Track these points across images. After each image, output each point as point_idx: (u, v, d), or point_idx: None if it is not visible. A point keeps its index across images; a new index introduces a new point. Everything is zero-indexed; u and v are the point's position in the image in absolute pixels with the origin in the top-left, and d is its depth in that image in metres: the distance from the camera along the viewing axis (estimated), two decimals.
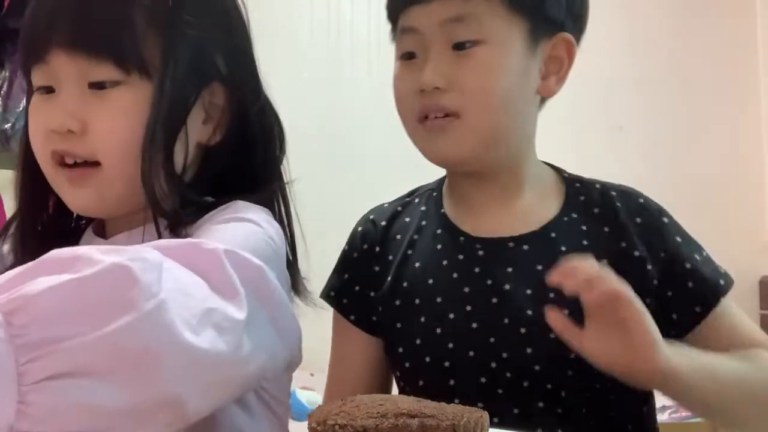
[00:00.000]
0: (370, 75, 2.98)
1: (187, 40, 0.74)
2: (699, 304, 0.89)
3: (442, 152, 0.88)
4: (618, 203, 0.92)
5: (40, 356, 0.46)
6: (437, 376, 0.87)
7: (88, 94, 0.73)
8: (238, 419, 0.74)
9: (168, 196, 0.74)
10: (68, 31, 0.72)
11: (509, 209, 0.92)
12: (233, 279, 0.58)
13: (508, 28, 0.85)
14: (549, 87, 0.90)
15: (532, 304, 0.85)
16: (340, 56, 2.94)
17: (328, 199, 2.46)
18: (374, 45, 3.00)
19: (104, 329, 0.48)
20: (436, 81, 0.85)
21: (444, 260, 0.90)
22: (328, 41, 2.91)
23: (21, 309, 0.47)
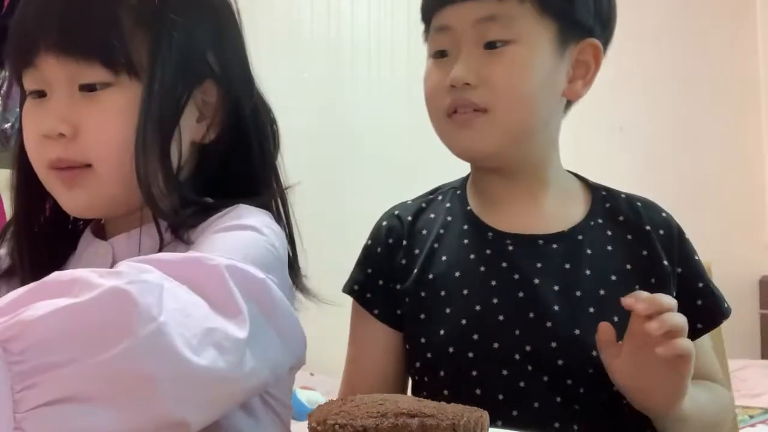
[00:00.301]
0: (370, 74, 2.98)
1: (176, 40, 0.74)
2: (701, 321, 0.93)
3: (469, 145, 0.92)
4: (643, 213, 0.96)
5: (36, 383, 0.46)
6: (460, 367, 0.88)
7: (78, 96, 0.73)
8: (241, 422, 0.74)
9: (166, 196, 0.73)
10: (55, 34, 0.71)
11: (536, 209, 0.95)
12: (235, 296, 0.58)
13: (538, 29, 0.89)
14: (575, 90, 0.93)
15: (558, 299, 0.88)
16: (340, 56, 2.94)
17: (327, 198, 2.46)
18: (374, 44, 3.00)
19: (101, 355, 0.48)
20: (466, 77, 0.88)
21: (471, 254, 0.92)
22: (328, 40, 2.91)
23: (18, 336, 0.47)
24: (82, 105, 0.73)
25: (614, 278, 0.91)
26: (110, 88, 0.73)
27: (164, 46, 0.73)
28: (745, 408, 2.15)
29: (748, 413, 2.13)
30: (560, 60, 0.91)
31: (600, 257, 0.92)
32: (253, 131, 0.81)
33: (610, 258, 0.92)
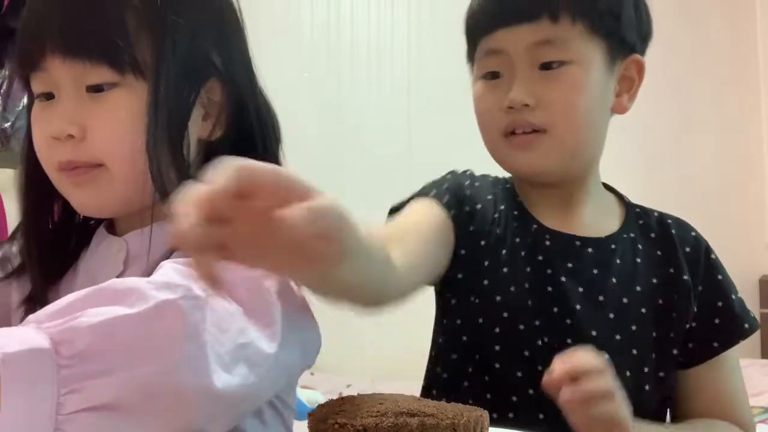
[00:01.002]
0: (370, 74, 2.98)
1: (179, 40, 0.74)
2: (718, 339, 0.96)
3: (529, 165, 0.94)
4: (673, 231, 0.99)
5: (79, 389, 0.49)
6: (484, 338, 0.91)
7: (86, 98, 0.73)
8: (249, 425, 0.75)
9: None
10: (60, 36, 0.72)
11: (574, 215, 0.98)
12: (271, 309, 0.61)
13: (590, 49, 0.92)
14: (622, 104, 0.97)
15: (581, 300, 0.92)
16: (340, 56, 2.94)
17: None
18: (374, 45, 3.00)
19: (143, 368, 0.50)
20: (525, 99, 0.90)
21: (517, 238, 0.95)
22: (328, 41, 2.91)
23: (70, 341, 0.49)
24: (90, 106, 0.73)
25: (639, 289, 0.94)
26: (117, 88, 0.73)
27: (168, 47, 0.73)
28: None
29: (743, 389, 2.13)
30: (609, 77, 0.94)
31: (628, 268, 0.95)
32: (257, 128, 0.81)
33: (637, 270, 0.95)
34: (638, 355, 0.92)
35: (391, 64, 2.97)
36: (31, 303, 0.78)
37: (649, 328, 0.93)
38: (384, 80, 2.97)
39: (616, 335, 0.91)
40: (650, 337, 0.93)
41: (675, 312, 0.94)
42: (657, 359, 0.93)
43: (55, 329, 0.50)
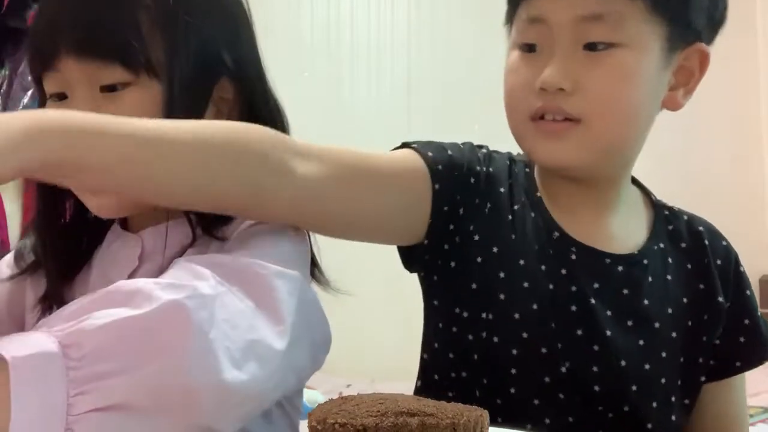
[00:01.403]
0: (370, 74, 2.98)
1: (191, 39, 0.75)
2: (742, 359, 0.90)
3: (557, 158, 0.82)
4: (706, 241, 0.91)
5: (88, 390, 0.50)
6: (500, 361, 0.81)
7: (100, 97, 0.74)
8: (257, 426, 0.75)
9: None
10: (74, 37, 0.73)
11: (603, 223, 0.87)
12: (281, 306, 0.62)
13: (648, 32, 0.79)
14: (676, 99, 0.85)
15: (610, 325, 0.82)
16: (340, 56, 2.94)
17: None
18: (374, 44, 3.00)
19: (151, 367, 0.51)
20: (561, 82, 0.78)
21: (536, 245, 0.84)
22: (328, 41, 2.92)
23: (78, 343, 0.50)
24: (104, 105, 0.73)
25: (670, 311, 0.86)
26: (131, 88, 0.74)
27: (181, 46, 0.74)
28: None
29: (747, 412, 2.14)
30: (666, 67, 0.82)
31: (659, 287, 0.86)
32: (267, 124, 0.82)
33: (668, 289, 0.87)
34: (666, 383, 0.85)
35: (391, 64, 2.97)
36: (47, 301, 0.79)
37: (678, 354, 0.86)
38: (384, 80, 2.97)
39: (646, 365, 0.83)
40: (678, 363, 0.86)
41: (705, 335, 0.88)
42: (683, 386, 0.86)
43: (63, 332, 0.51)
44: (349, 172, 0.75)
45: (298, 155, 0.70)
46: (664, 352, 0.84)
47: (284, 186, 0.69)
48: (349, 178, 0.75)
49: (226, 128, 0.68)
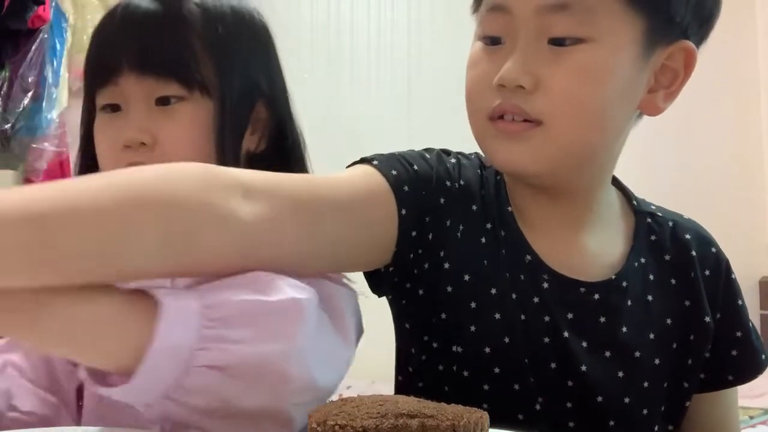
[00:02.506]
0: (370, 75, 2.98)
1: (236, 63, 0.84)
2: (733, 373, 0.85)
3: (514, 161, 0.75)
4: (693, 252, 0.84)
5: (210, 348, 0.58)
6: (471, 396, 0.75)
7: (155, 110, 0.82)
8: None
9: None
10: (137, 55, 0.81)
11: (581, 246, 0.80)
12: (348, 320, 0.71)
13: (622, 27, 0.71)
14: (655, 104, 0.76)
15: (586, 358, 0.76)
16: (340, 57, 2.94)
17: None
18: (374, 45, 3.00)
19: (264, 347, 0.60)
20: (520, 78, 0.71)
21: (507, 273, 0.77)
22: (328, 42, 2.92)
23: (217, 307, 0.59)
24: (159, 117, 0.81)
25: (652, 337, 0.80)
26: (184, 102, 0.82)
27: (227, 68, 0.83)
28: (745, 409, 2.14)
29: (748, 414, 2.13)
30: (644, 66, 0.73)
31: (639, 311, 0.79)
32: (292, 141, 0.91)
33: (650, 312, 0.80)
34: (648, 414, 0.79)
35: (391, 65, 2.97)
36: None
37: (661, 381, 0.80)
38: (384, 81, 2.97)
39: (625, 398, 0.78)
40: (661, 391, 0.80)
41: (691, 358, 0.82)
42: (666, 414, 0.81)
43: (210, 297, 0.60)
44: (305, 208, 0.67)
45: (239, 194, 0.62)
46: (646, 382, 0.79)
47: (226, 237, 0.60)
48: (305, 217, 0.66)
49: (139, 179, 0.59)
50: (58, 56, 2.33)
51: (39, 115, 2.26)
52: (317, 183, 0.70)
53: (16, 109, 2.23)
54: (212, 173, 0.63)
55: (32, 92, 2.26)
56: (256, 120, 0.87)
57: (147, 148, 0.81)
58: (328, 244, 0.69)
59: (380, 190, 0.72)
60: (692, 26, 0.75)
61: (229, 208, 0.61)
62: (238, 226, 0.61)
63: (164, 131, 0.82)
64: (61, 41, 2.35)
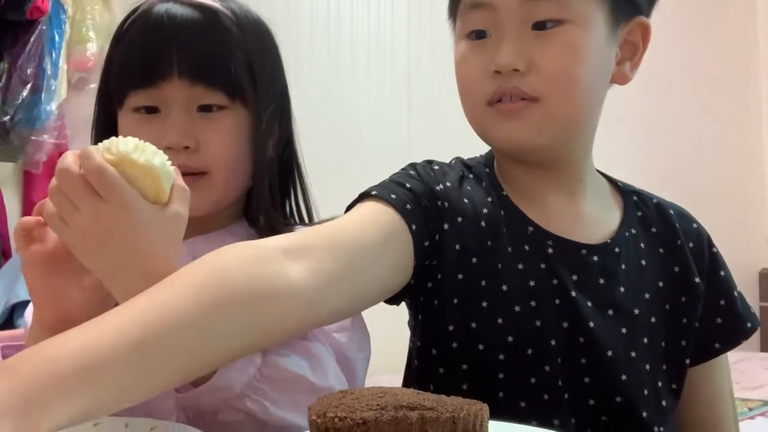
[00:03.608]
0: (370, 66, 2.98)
1: (268, 81, 0.89)
2: (721, 340, 0.91)
3: (517, 138, 0.83)
4: (677, 224, 0.91)
5: (250, 397, 0.74)
6: (486, 367, 0.82)
7: (197, 116, 0.86)
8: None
9: (269, 200, 0.90)
10: (191, 65, 0.84)
11: (575, 211, 0.88)
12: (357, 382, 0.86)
13: (592, 7, 0.81)
14: (623, 73, 0.87)
15: (593, 317, 0.83)
16: (340, 48, 2.94)
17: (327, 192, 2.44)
18: (374, 36, 2.99)
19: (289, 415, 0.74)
20: (515, 62, 0.79)
21: (509, 247, 0.83)
22: (328, 33, 2.91)
23: (272, 367, 0.76)
24: (201, 123, 0.85)
25: (647, 297, 0.86)
26: (225, 111, 0.86)
27: (261, 83, 0.88)
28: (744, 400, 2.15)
29: (747, 405, 2.13)
30: (612, 41, 0.84)
31: (634, 273, 0.87)
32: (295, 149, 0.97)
33: (643, 274, 0.87)
34: (651, 369, 0.85)
35: (391, 58, 2.96)
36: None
37: (659, 339, 0.86)
38: (384, 74, 2.97)
39: (631, 352, 0.83)
40: (660, 349, 0.86)
41: (685, 317, 0.88)
42: (668, 371, 0.87)
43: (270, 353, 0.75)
44: (343, 256, 0.72)
45: (285, 257, 0.67)
46: (646, 338, 0.85)
47: (289, 303, 0.66)
48: (345, 264, 0.72)
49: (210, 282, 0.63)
50: (56, 48, 2.32)
51: (38, 107, 2.25)
52: (348, 229, 0.76)
53: (15, 101, 2.22)
54: (255, 250, 0.68)
55: (31, 84, 2.25)
56: (273, 131, 0.92)
57: (190, 151, 0.85)
58: (366, 282, 0.75)
59: (393, 219, 0.78)
60: (644, 6, 0.87)
61: (284, 275, 0.66)
62: (292, 289, 0.66)
63: (207, 137, 0.85)
64: (60, 33, 2.34)
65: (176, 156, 0.84)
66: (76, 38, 2.38)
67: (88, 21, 2.39)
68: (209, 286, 0.62)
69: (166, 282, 0.62)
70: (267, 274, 0.65)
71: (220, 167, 0.86)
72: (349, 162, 2.72)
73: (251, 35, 0.88)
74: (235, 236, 0.89)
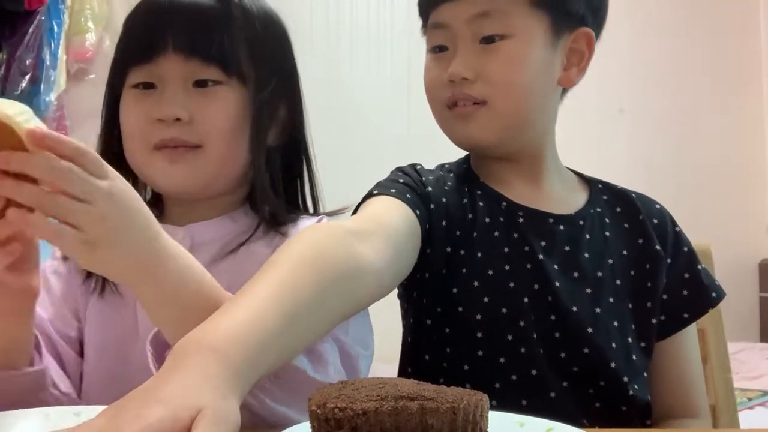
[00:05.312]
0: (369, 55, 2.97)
1: (270, 60, 0.90)
2: (688, 310, 0.98)
3: (469, 136, 0.95)
4: (638, 204, 1.00)
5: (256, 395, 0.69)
6: (466, 327, 0.91)
7: (192, 91, 0.86)
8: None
9: (265, 179, 0.89)
10: (186, 39, 0.85)
11: (541, 191, 0.98)
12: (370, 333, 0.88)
13: (532, 23, 0.92)
14: (569, 77, 0.97)
15: (559, 277, 0.92)
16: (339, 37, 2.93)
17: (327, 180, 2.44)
18: (374, 25, 2.98)
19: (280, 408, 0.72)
20: (464, 72, 0.92)
21: (486, 218, 0.94)
22: (327, 22, 2.90)
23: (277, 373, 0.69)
24: (196, 98, 0.86)
25: (611, 262, 0.95)
26: (221, 86, 0.87)
27: (263, 63, 0.89)
28: (743, 390, 2.15)
29: (746, 396, 2.14)
30: (554, 50, 0.94)
31: (598, 243, 0.96)
32: (302, 135, 0.97)
33: (607, 244, 0.96)
34: (620, 326, 0.93)
35: (390, 46, 2.96)
36: (91, 276, 0.89)
37: (626, 300, 0.94)
38: (384, 62, 2.96)
39: (596, 308, 0.92)
40: (627, 308, 0.94)
41: (650, 281, 0.96)
42: (637, 329, 0.94)
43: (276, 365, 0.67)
44: (393, 238, 0.82)
45: (356, 239, 0.75)
46: (612, 298, 0.93)
47: (370, 280, 0.75)
48: (396, 249, 0.81)
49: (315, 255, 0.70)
50: (55, 38, 2.31)
51: (37, 97, 2.25)
52: (385, 217, 0.85)
53: (14, 91, 2.22)
54: (333, 228, 0.77)
55: (30, 75, 2.25)
56: (277, 117, 0.92)
57: (182, 123, 0.85)
58: (403, 263, 0.84)
59: (404, 208, 0.88)
60: (587, 16, 0.96)
61: (361, 254, 0.74)
62: (370, 266, 0.74)
63: (202, 110, 0.86)
64: (59, 23, 2.33)
65: (168, 129, 0.85)
66: (75, 29, 2.37)
67: (87, 11, 2.39)
68: (315, 261, 0.69)
69: (275, 262, 0.68)
70: (354, 251, 0.73)
71: (214, 140, 0.86)
72: (349, 149, 2.72)
73: (254, 18, 0.89)
74: (235, 222, 0.90)
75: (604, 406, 0.90)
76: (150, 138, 0.87)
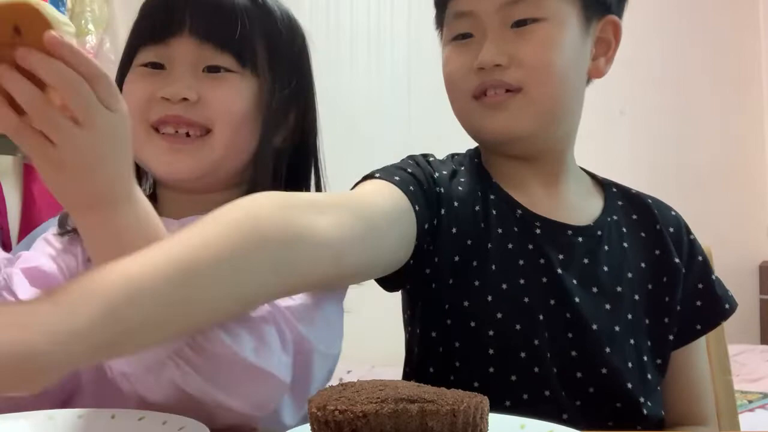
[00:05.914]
0: (369, 58, 2.97)
1: (285, 56, 0.89)
2: (701, 322, 0.95)
3: (502, 127, 0.89)
4: (655, 211, 0.97)
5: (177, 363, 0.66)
6: (478, 343, 0.85)
7: (202, 75, 0.84)
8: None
9: (270, 172, 0.87)
10: (203, 24, 0.84)
11: (558, 197, 0.93)
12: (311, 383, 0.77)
13: (565, 6, 0.88)
14: (599, 68, 0.93)
15: (577, 292, 0.87)
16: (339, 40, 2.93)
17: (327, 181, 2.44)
18: (374, 28, 2.98)
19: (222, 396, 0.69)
20: (496, 58, 0.86)
21: (499, 228, 0.89)
22: (327, 25, 2.90)
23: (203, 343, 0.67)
24: (206, 81, 0.84)
25: (630, 276, 0.91)
26: (233, 74, 0.85)
27: (278, 63, 0.88)
28: (743, 393, 2.15)
29: (746, 398, 2.14)
30: (585, 37, 0.91)
31: (616, 254, 0.91)
32: (313, 136, 0.95)
33: (626, 256, 0.92)
34: (636, 344, 0.89)
35: (391, 47, 2.96)
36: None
37: (643, 316, 0.91)
38: (384, 63, 2.96)
39: (615, 326, 0.88)
40: (644, 325, 0.91)
41: (667, 296, 0.92)
42: (653, 346, 0.91)
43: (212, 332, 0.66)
44: (366, 216, 0.75)
45: (314, 210, 0.69)
46: (630, 314, 0.89)
47: (319, 251, 0.68)
48: (365, 224, 0.74)
49: (245, 219, 0.63)
50: None
51: None
52: (366, 196, 0.80)
53: None
54: (284, 199, 0.69)
55: None
56: (287, 121, 0.91)
57: (188, 103, 0.83)
58: (381, 247, 0.78)
59: (400, 196, 0.81)
60: (614, 4, 0.93)
61: (310, 224, 0.67)
62: (321, 237, 0.67)
63: (211, 93, 0.84)
64: None
65: (172, 108, 0.83)
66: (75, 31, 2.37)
67: (87, 14, 2.39)
68: (244, 225, 0.62)
69: (203, 221, 0.62)
70: (298, 220, 0.66)
71: (224, 123, 0.84)
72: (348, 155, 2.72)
73: (276, 18, 0.88)
74: None
75: (617, 426, 0.86)
76: (150, 116, 0.84)
